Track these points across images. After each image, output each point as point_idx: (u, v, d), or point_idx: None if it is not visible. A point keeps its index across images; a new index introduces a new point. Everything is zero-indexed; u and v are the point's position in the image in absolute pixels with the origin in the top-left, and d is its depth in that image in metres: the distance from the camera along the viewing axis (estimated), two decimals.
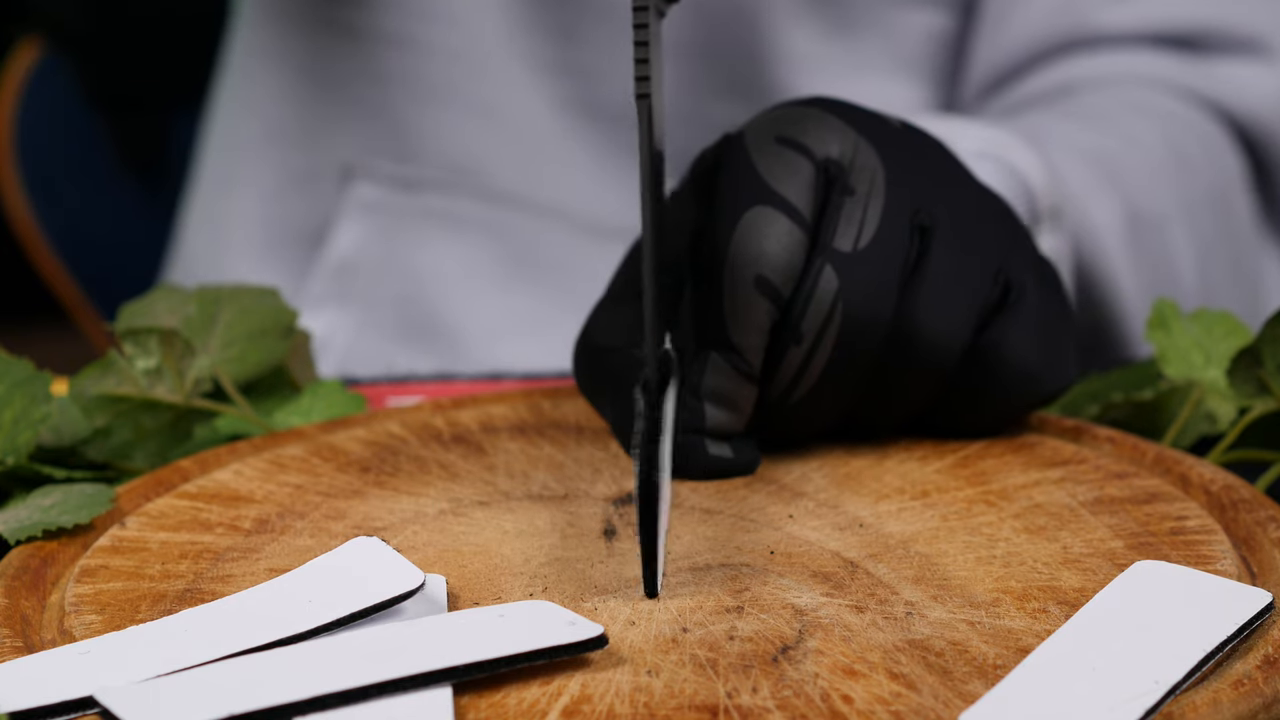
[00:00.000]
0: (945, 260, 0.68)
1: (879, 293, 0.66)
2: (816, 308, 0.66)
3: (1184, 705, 0.51)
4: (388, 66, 1.07)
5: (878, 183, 0.67)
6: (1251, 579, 0.60)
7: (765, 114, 0.70)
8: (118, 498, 0.67)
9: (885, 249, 0.67)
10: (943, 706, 0.52)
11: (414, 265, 1.08)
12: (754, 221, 0.66)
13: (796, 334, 0.66)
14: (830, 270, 0.66)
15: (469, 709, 0.52)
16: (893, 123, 0.70)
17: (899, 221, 0.67)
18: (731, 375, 0.67)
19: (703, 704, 0.52)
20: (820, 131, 0.68)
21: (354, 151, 1.09)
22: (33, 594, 0.61)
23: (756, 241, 0.66)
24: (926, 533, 0.63)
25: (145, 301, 0.77)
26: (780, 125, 0.68)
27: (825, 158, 0.68)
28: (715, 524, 0.64)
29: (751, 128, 0.69)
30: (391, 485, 0.69)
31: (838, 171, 0.67)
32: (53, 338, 1.34)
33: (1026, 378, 0.69)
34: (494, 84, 1.05)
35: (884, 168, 0.68)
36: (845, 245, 0.66)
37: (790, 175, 0.67)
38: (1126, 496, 0.65)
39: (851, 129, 0.68)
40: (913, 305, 0.67)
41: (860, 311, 0.66)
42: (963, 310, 0.68)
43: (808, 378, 0.67)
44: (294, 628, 0.55)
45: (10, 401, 0.70)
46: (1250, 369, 0.72)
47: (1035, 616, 0.57)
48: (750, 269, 0.66)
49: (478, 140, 1.06)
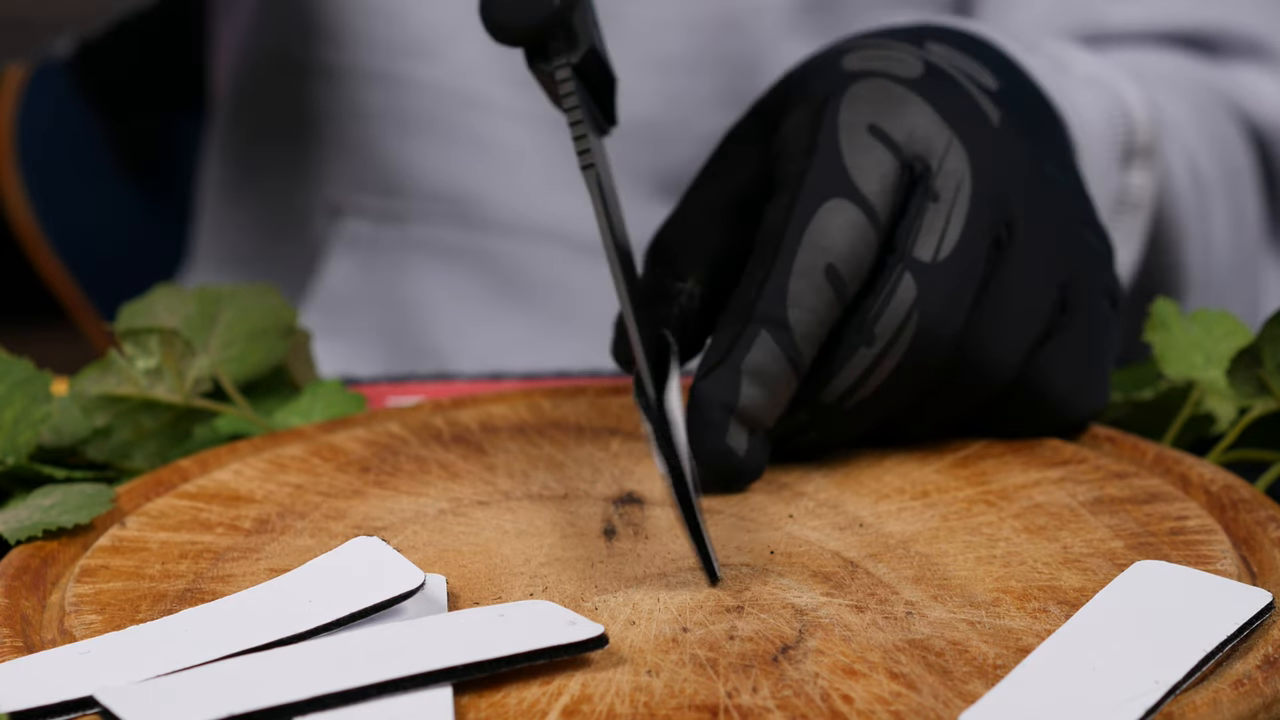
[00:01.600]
0: (1014, 283, 0.67)
1: (953, 306, 0.66)
2: (893, 313, 0.65)
3: (1184, 705, 0.51)
4: (369, 103, 1.07)
5: (963, 191, 0.67)
6: (1251, 579, 0.60)
7: (867, 85, 0.68)
8: (118, 498, 0.67)
9: (963, 263, 0.66)
10: (943, 706, 0.52)
11: (404, 296, 1.08)
12: (832, 214, 0.65)
13: (869, 336, 0.65)
14: (909, 278, 0.65)
15: (469, 709, 0.52)
16: (990, 117, 0.69)
17: (979, 235, 0.67)
18: (778, 358, 0.65)
19: (703, 704, 0.52)
20: (915, 126, 0.67)
21: (340, 189, 1.09)
22: (33, 594, 0.61)
23: (831, 233, 0.65)
24: (926, 533, 0.63)
25: (145, 301, 0.77)
26: (877, 110, 0.67)
27: (914, 155, 0.67)
28: (715, 524, 0.64)
29: (849, 102, 0.67)
30: (391, 485, 0.69)
31: (924, 171, 0.67)
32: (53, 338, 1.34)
33: (1064, 403, 0.70)
34: (477, 112, 1.05)
35: (971, 174, 0.67)
36: (925, 255, 0.65)
37: (875, 172, 0.66)
38: (1126, 496, 0.65)
39: (948, 127, 0.67)
40: (976, 324, 0.67)
41: (934, 323, 0.66)
42: (1023, 338, 0.68)
43: (872, 381, 0.66)
44: (294, 628, 0.55)
45: (10, 401, 0.70)
46: (1250, 369, 0.72)
47: (1035, 616, 0.57)
48: (822, 257, 0.65)
49: (464, 169, 1.06)
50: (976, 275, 0.66)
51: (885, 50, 0.70)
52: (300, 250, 1.11)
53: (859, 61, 0.69)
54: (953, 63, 0.71)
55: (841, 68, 0.69)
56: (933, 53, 0.71)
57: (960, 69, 0.71)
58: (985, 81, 0.71)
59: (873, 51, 0.70)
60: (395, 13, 1.05)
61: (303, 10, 1.08)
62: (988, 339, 0.67)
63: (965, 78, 0.70)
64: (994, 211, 0.67)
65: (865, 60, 0.69)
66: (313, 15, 1.08)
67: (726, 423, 0.65)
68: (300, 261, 1.11)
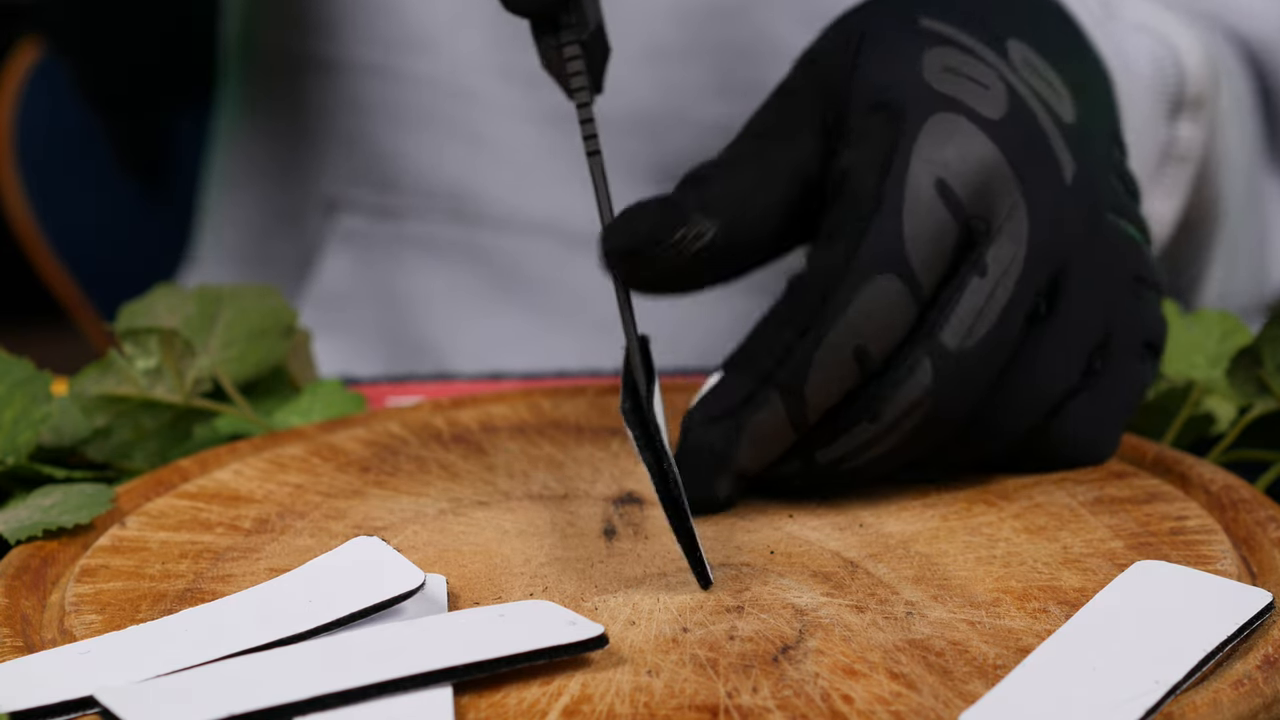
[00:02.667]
0: (1043, 356, 0.65)
1: (969, 395, 0.63)
2: (903, 397, 0.62)
3: (1184, 705, 0.51)
4: (365, 97, 1.07)
5: (1014, 267, 0.63)
6: (1251, 579, 0.60)
7: (945, 124, 0.63)
8: (118, 498, 0.67)
9: (990, 351, 0.63)
10: (943, 706, 0.52)
11: (400, 292, 1.08)
12: (879, 291, 0.62)
13: (873, 413, 0.63)
14: (928, 364, 0.62)
15: (469, 709, 0.52)
16: (1064, 171, 0.65)
17: (1016, 317, 0.63)
18: (784, 423, 0.63)
19: (703, 704, 0.52)
20: (986, 183, 0.63)
21: (336, 184, 1.09)
22: (33, 594, 0.61)
23: (871, 316, 0.62)
24: (926, 533, 0.63)
25: (145, 301, 0.77)
26: (950, 161, 0.63)
27: (976, 214, 0.63)
28: (715, 524, 0.64)
29: (923, 147, 0.63)
30: (391, 485, 0.69)
31: (982, 233, 0.63)
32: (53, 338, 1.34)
33: (1073, 452, 0.67)
34: (474, 106, 1.05)
35: (1028, 246, 0.63)
36: (951, 341, 0.62)
37: (932, 242, 0.62)
38: (1126, 496, 0.65)
39: (1017, 188, 0.63)
40: (993, 395, 0.64)
41: (945, 411, 0.63)
42: (1039, 407, 0.65)
43: (870, 453, 0.64)
44: (294, 628, 0.55)
45: (10, 401, 0.70)
46: (1250, 369, 0.72)
47: (1035, 616, 0.57)
48: (855, 338, 0.62)
49: (460, 163, 1.06)
50: (1002, 361, 0.63)
51: (969, 59, 0.65)
52: (297, 246, 1.11)
53: (941, 76, 0.64)
54: (1033, 84, 0.66)
55: (923, 78, 0.64)
56: (1014, 60, 0.66)
57: (1040, 96, 0.66)
58: (1063, 113, 0.67)
59: (956, 56, 0.65)
60: (391, 7, 1.05)
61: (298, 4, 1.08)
62: (1002, 409, 0.65)
63: (1046, 111, 0.66)
64: (1039, 284, 0.64)
65: (948, 78, 0.64)
66: (308, 9, 1.07)
67: (716, 473, 0.65)
68: (297, 257, 1.11)
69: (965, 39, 0.66)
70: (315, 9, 1.04)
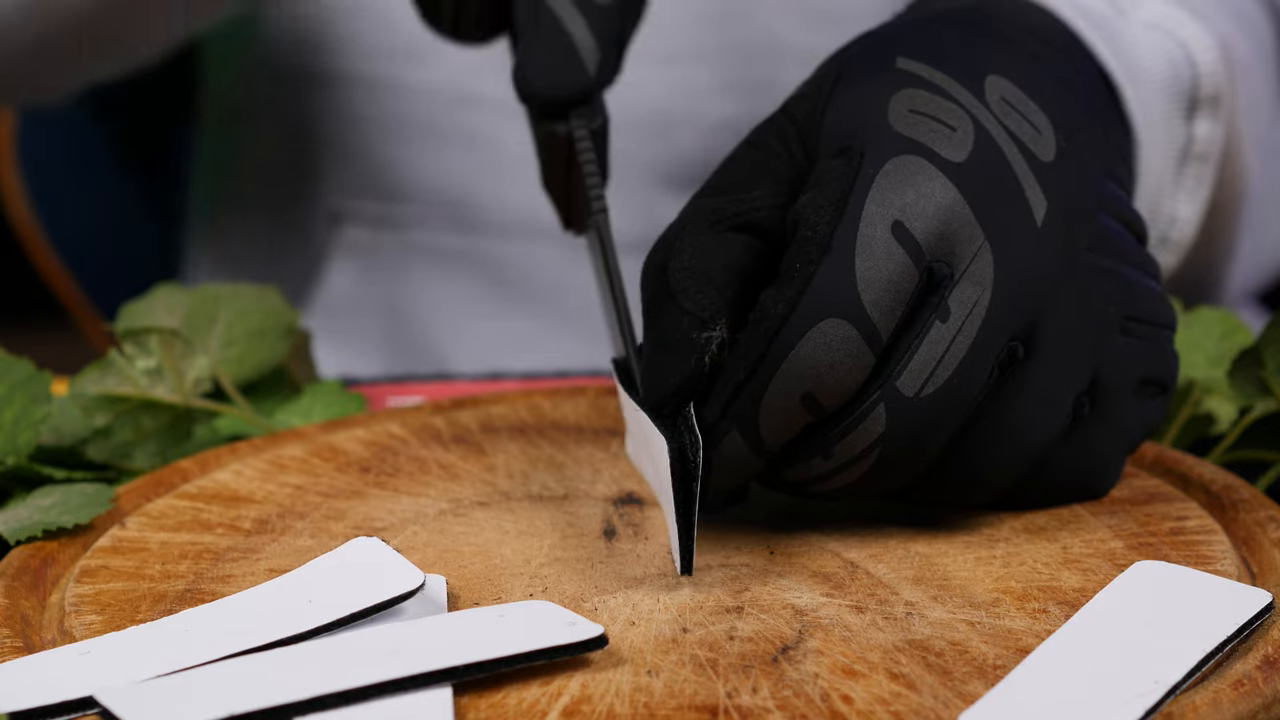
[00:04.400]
0: (1020, 403, 0.62)
1: (926, 439, 0.61)
2: (854, 440, 0.60)
3: (1184, 705, 0.51)
4: (364, 109, 1.07)
5: (978, 311, 0.60)
6: (1251, 579, 0.60)
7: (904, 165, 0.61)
8: (118, 498, 0.67)
9: (953, 398, 0.60)
10: (943, 706, 0.52)
11: (404, 301, 1.08)
12: (825, 338, 0.59)
13: (827, 451, 0.61)
14: (882, 410, 0.60)
15: (469, 709, 0.52)
16: (1034, 214, 0.62)
17: (980, 364, 0.61)
18: (745, 453, 0.62)
19: (703, 704, 0.52)
20: (946, 224, 0.61)
21: (339, 196, 1.09)
22: (33, 594, 0.61)
23: (819, 361, 0.59)
24: (926, 533, 0.63)
25: (145, 301, 0.77)
26: (907, 204, 0.61)
27: (937, 257, 0.60)
28: (716, 524, 0.64)
29: (880, 189, 0.61)
30: (391, 485, 0.69)
31: (944, 278, 0.60)
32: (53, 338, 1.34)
33: (1067, 496, 0.66)
34: (473, 113, 1.05)
35: (993, 289, 0.61)
36: (908, 389, 0.60)
37: (887, 286, 0.60)
38: (1126, 496, 0.65)
39: (981, 231, 0.61)
40: (964, 443, 0.62)
41: (900, 457, 0.61)
42: (1021, 457, 0.63)
43: (833, 482, 0.62)
44: (294, 628, 0.55)
45: (10, 401, 0.70)
46: (1251, 369, 0.72)
47: (1035, 616, 0.57)
48: (802, 383, 0.60)
49: (461, 171, 1.06)
50: (967, 407, 0.61)
51: (938, 100, 0.63)
52: (301, 258, 1.11)
53: (905, 119, 0.62)
54: (1007, 122, 0.64)
55: (886, 121, 0.63)
56: (990, 98, 0.64)
57: (1014, 134, 0.64)
58: (1040, 151, 0.64)
59: (925, 98, 0.63)
60: (386, 18, 1.05)
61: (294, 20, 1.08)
62: (976, 457, 0.62)
63: (1018, 150, 0.63)
64: (1011, 328, 0.61)
65: (912, 121, 0.62)
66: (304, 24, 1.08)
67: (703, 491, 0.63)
68: (301, 269, 1.12)
69: (939, 78, 0.64)
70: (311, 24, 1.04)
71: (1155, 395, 0.65)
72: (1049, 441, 0.63)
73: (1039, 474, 0.64)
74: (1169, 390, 0.66)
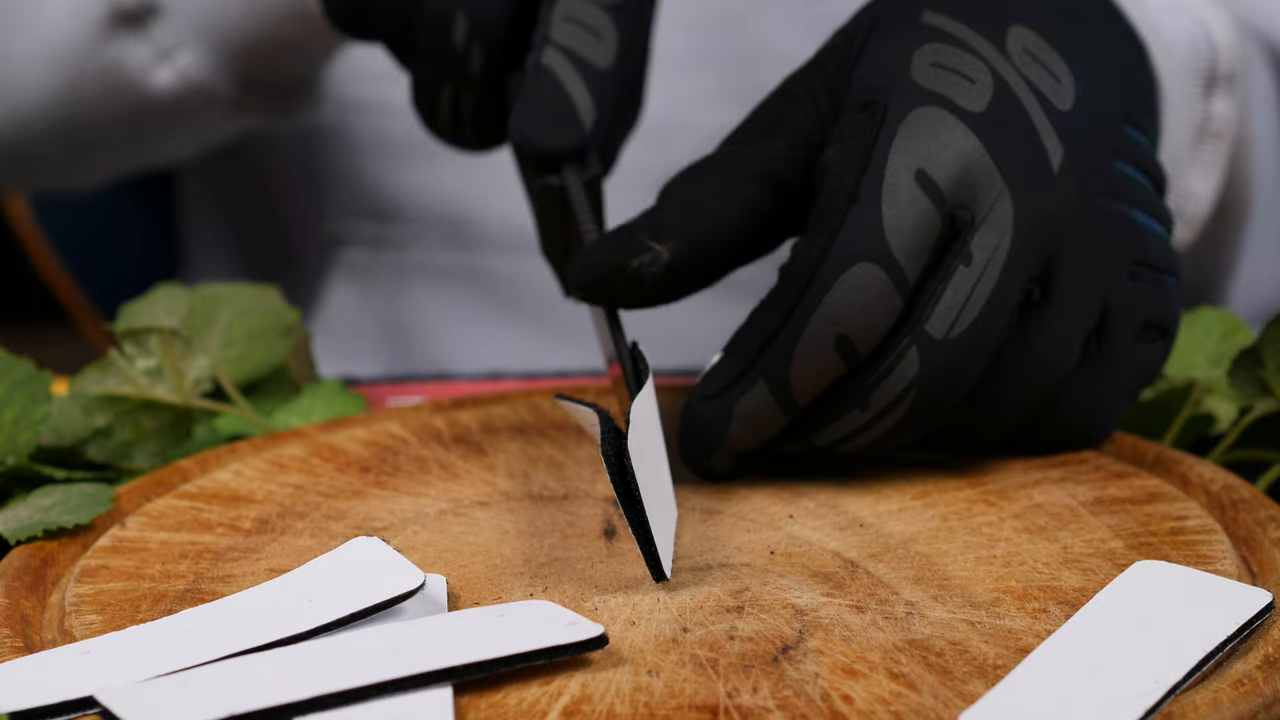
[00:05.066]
0: (1036, 342, 0.65)
1: (957, 382, 0.64)
2: (890, 386, 0.63)
3: (1184, 705, 0.51)
4: (355, 131, 1.07)
5: (999, 253, 0.63)
6: (1251, 579, 0.60)
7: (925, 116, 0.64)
8: (118, 498, 0.67)
9: (978, 340, 0.63)
10: (943, 706, 0.52)
11: (404, 321, 1.08)
12: (858, 280, 0.62)
13: (863, 402, 0.63)
14: (915, 354, 0.63)
15: (469, 709, 0.52)
16: (1050, 161, 0.65)
17: (1004, 305, 0.64)
18: (772, 407, 0.64)
19: (703, 704, 0.52)
20: (966, 171, 0.63)
21: (336, 220, 1.09)
22: (33, 594, 0.61)
23: (851, 305, 0.62)
24: (926, 533, 0.63)
25: (145, 301, 0.77)
26: (930, 152, 0.63)
27: (959, 204, 0.63)
28: (715, 524, 0.64)
29: (903, 139, 0.63)
30: (391, 485, 0.69)
31: (966, 224, 0.63)
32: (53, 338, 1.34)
33: (1071, 436, 0.68)
34: None
35: (1013, 232, 0.63)
36: (938, 331, 0.62)
37: (913, 231, 0.62)
38: (1126, 496, 0.65)
39: (1000, 176, 0.64)
40: (987, 383, 0.65)
41: (933, 399, 0.63)
42: (1036, 393, 0.66)
43: (863, 438, 0.65)
44: (294, 628, 0.55)
45: (10, 401, 0.70)
46: (1251, 369, 0.72)
47: (1035, 616, 0.57)
48: (836, 326, 0.62)
49: (454, 188, 1.06)
50: (991, 348, 0.64)
51: (960, 53, 0.65)
52: (300, 281, 1.12)
53: (927, 72, 0.65)
54: (1027, 72, 0.66)
55: (909, 75, 0.65)
56: (1010, 52, 0.66)
57: (1033, 84, 0.66)
58: (1058, 100, 0.66)
59: (947, 51, 0.65)
60: None
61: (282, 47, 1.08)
62: (997, 396, 0.66)
63: (1036, 99, 0.66)
64: (1029, 270, 0.64)
65: (934, 74, 0.65)
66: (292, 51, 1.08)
67: (714, 447, 0.66)
68: (300, 291, 1.12)
69: (962, 31, 0.66)
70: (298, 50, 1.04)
71: (1156, 339, 0.68)
72: (1062, 380, 0.66)
73: (1045, 417, 0.67)
74: (1170, 334, 0.69)
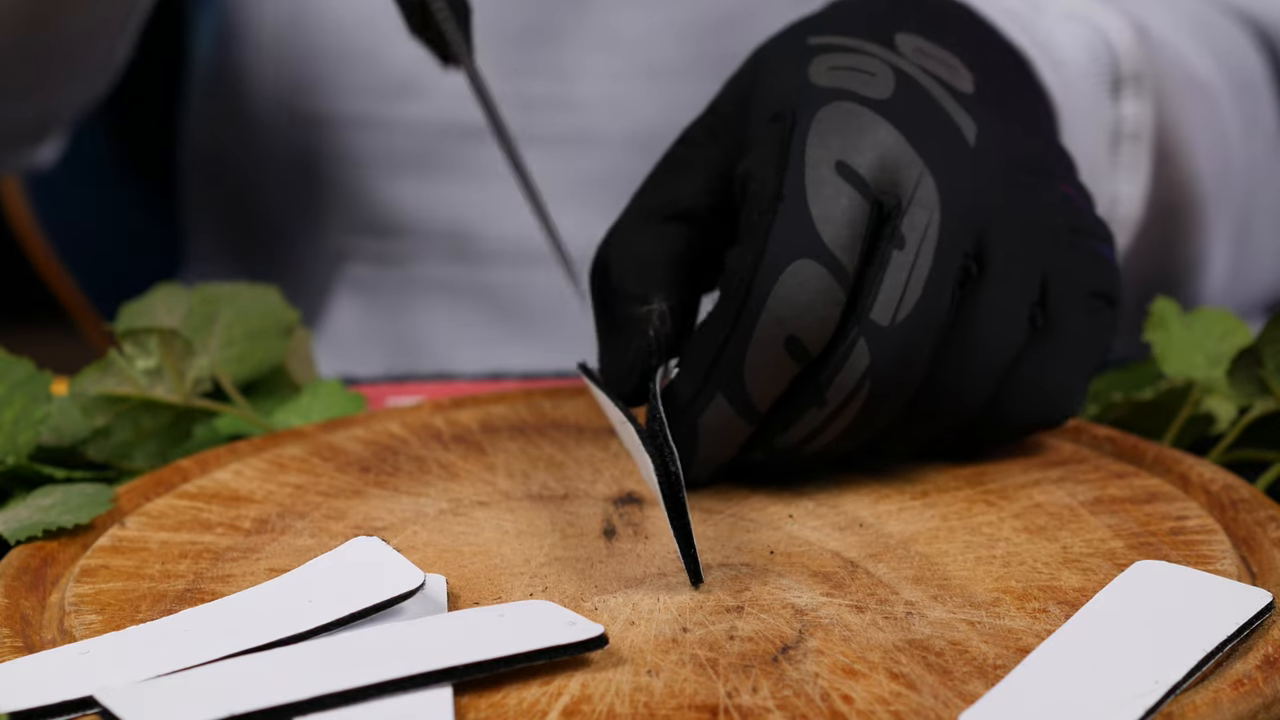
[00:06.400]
0: (981, 317, 0.65)
1: (909, 367, 0.64)
2: (844, 379, 0.63)
3: (1184, 705, 0.51)
4: (357, 148, 1.07)
5: (931, 232, 0.64)
6: (1251, 579, 0.60)
7: (834, 110, 0.65)
8: (118, 498, 0.67)
9: (925, 320, 0.63)
10: (943, 706, 0.52)
11: (409, 335, 1.08)
12: (797, 279, 0.62)
13: (819, 399, 0.64)
14: (864, 344, 0.63)
15: (469, 709, 0.52)
16: (965, 136, 0.66)
17: (943, 283, 0.64)
18: (732, 418, 0.65)
19: (703, 704, 0.52)
20: (884, 156, 0.64)
21: (340, 236, 1.10)
22: (33, 594, 0.61)
23: (795, 303, 0.62)
24: (926, 533, 0.63)
25: (145, 301, 0.77)
26: (845, 142, 0.64)
27: (883, 190, 0.64)
28: (715, 524, 0.64)
29: (816, 135, 0.64)
30: (391, 485, 0.69)
31: (893, 209, 0.64)
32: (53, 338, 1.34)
33: (1033, 415, 0.68)
34: (465, 143, 1.05)
35: (941, 209, 0.64)
36: (883, 318, 0.63)
37: (844, 221, 0.63)
38: (1126, 496, 0.65)
39: (919, 157, 0.64)
40: (938, 365, 0.65)
41: (889, 383, 0.64)
42: (989, 371, 0.66)
43: (825, 436, 0.65)
44: (294, 628, 0.55)
45: (10, 401, 0.70)
46: (1250, 369, 0.72)
47: (1035, 616, 0.57)
48: (783, 327, 0.63)
49: (456, 202, 1.06)
50: (938, 328, 0.64)
51: (854, 56, 0.67)
52: (304, 296, 1.12)
53: (827, 75, 0.66)
54: (924, 64, 0.68)
55: (809, 80, 0.66)
56: (903, 52, 0.68)
57: (932, 73, 0.67)
58: (960, 85, 0.68)
59: (841, 56, 0.67)
60: (372, 56, 1.06)
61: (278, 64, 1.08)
62: (951, 378, 0.65)
63: (939, 85, 0.67)
64: (963, 246, 0.65)
65: (833, 75, 0.66)
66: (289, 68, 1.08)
67: (688, 463, 0.66)
68: (305, 306, 1.12)
69: (851, 41, 0.68)
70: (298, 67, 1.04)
71: (1103, 309, 0.68)
72: (1012, 353, 0.66)
73: (1004, 397, 0.67)
74: (1115, 303, 0.69)
